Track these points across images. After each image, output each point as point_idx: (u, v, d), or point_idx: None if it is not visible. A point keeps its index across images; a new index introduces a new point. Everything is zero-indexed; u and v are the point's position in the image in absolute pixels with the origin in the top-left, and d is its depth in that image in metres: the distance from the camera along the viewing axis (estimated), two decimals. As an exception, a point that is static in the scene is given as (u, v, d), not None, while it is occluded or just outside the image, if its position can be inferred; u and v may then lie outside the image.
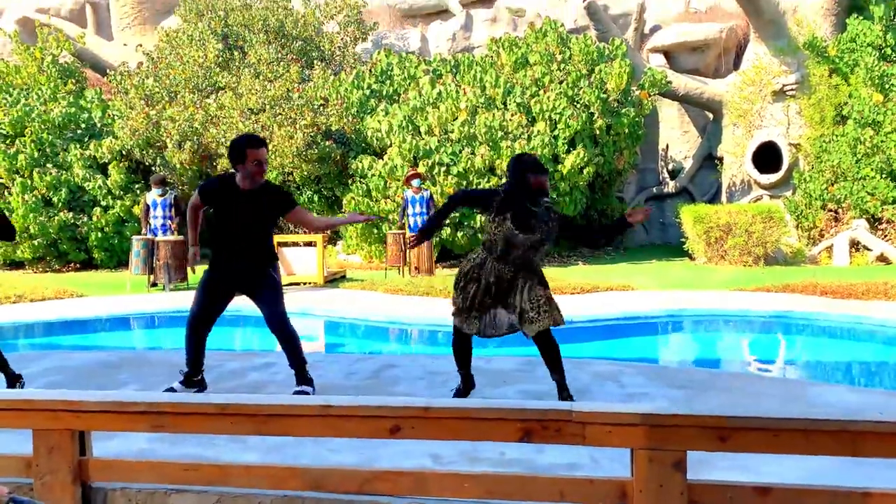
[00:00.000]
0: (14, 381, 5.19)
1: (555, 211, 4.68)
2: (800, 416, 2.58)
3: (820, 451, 2.60)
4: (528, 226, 4.52)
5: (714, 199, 17.88)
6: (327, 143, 14.80)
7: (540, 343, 4.68)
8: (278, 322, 4.92)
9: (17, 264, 15.40)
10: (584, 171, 14.62)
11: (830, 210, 14.98)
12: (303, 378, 4.97)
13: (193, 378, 5.08)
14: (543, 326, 4.57)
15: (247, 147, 4.79)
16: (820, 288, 10.08)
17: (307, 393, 4.83)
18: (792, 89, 15.78)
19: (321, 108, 15.05)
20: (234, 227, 4.88)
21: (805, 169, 15.60)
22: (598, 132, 14.98)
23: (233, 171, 4.96)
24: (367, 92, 15.73)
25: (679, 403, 4.75)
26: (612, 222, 4.59)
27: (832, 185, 14.98)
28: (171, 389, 4.97)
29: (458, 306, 4.77)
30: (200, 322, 4.99)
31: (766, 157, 16.17)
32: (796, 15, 15.73)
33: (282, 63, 16.00)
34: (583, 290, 10.38)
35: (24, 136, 15.23)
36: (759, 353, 8.49)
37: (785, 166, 15.82)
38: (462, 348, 4.88)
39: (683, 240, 15.26)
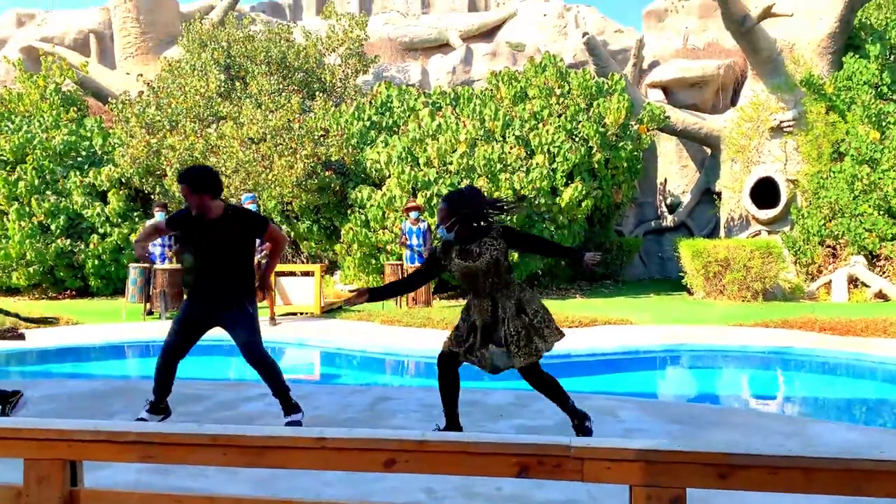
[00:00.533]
0: (8, 398, 5.14)
1: (496, 229, 4.58)
2: (800, 453, 2.54)
3: (820, 489, 2.56)
4: (471, 253, 4.53)
5: (712, 233, 17.91)
6: (327, 173, 14.86)
7: (527, 378, 4.55)
8: (253, 351, 4.92)
9: (12, 290, 15.35)
10: (583, 205, 14.66)
11: (828, 246, 15.00)
12: (289, 406, 4.93)
13: (160, 405, 5.11)
14: (521, 363, 4.41)
15: None
16: (819, 324, 10.04)
17: (298, 421, 4.79)
18: (789, 126, 15.89)
19: (321, 138, 15.13)
20: (204, 254, 4.99)
21: (803, 205, 15.64)
22: (596, 166, 15.04)
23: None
24: (367, 123, 15.82)
25: (678, 439, 4.70)
26: (574, 249, 4.68)
27: (830, 221, 15.01)
28: (141, 420, 4.97)
29: (449, 337, 4.73)
30: (174, 353, 5.03)
31: (764, 192, 16.22)
32: (793, 53, 15.90)
33: (283, 94, 16.11)
34: (581, 324, 10.34)
35: (26, 162, 15.29)
36: (757, 389, 8.43)
37: (783, 202, 15.86)
38: (447, 381, 4.67)
39: (682, 274, 15.23)
